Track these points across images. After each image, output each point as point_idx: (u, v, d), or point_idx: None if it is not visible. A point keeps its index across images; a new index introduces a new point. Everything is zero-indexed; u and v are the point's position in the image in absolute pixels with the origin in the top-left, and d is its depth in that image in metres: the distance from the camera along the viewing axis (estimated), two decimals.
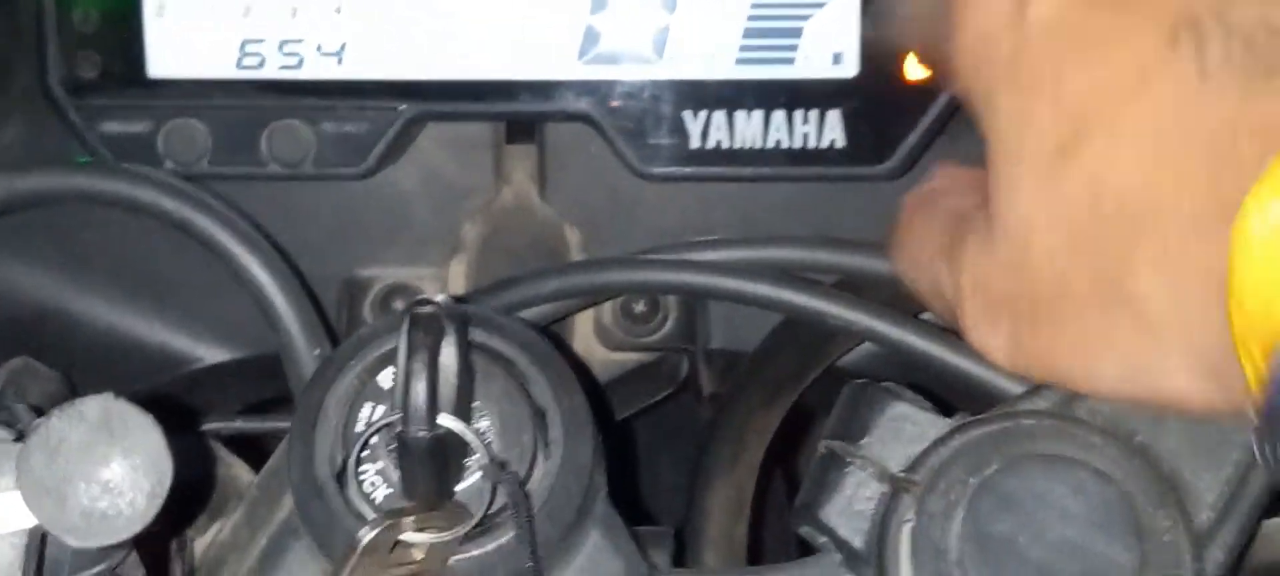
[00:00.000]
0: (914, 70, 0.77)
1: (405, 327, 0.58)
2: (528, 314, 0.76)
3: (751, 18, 0.78)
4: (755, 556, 0.78)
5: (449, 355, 0.58)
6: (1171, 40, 0.50)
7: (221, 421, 0.76)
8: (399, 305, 0.82)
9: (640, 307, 0.82)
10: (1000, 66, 0.56)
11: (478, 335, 0.63)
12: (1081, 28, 0.53)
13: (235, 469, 0.76)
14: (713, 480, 0.78)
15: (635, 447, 0.91)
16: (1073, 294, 0.55)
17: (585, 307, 0.82)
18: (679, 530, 0.76)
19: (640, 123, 0.78)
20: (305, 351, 0.73)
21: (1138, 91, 0.51)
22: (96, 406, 0.53)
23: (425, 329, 0.58)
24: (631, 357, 0.84)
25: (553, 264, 0.80)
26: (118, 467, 0.52)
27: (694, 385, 0.86)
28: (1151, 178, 0.50)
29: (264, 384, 0.82)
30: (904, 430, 0.63)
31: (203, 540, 0.74)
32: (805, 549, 0.67)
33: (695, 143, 0.79)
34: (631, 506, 0.66)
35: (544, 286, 0.76)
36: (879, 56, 0.77)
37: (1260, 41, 0.49)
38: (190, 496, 0.61)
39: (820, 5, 0.77)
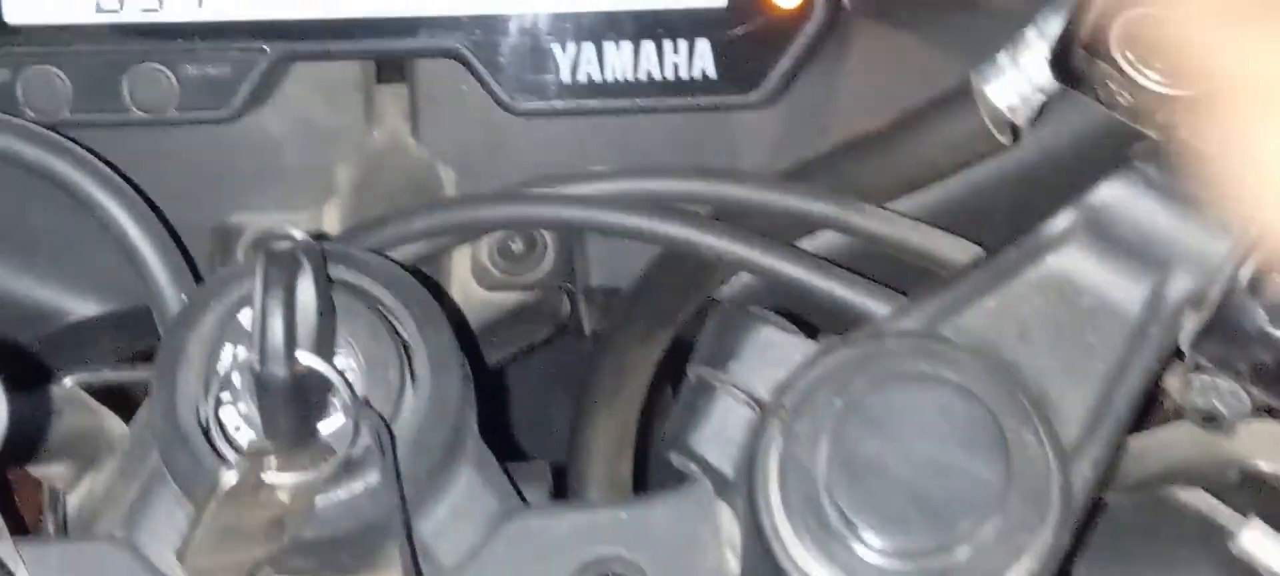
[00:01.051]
0: None
1: (260, 264, 0.57)
2: (402, 253, 0.75)
3: None
4: (642, 490, 0.78)
5: (306, 292, 0.58)
6: None
7: (89, 373, 0.75)
8: None
9: (517, 246, 0.82)
10: None
11: (341, 272, 0.62)
12: None
13: (107, 421, 0.75)
14: (594, 416, 0.77)
15: (525, 388, 0.91)
16: None
17: (460, 243, 0.81)
18: (559, 466, 0.75)
19: (509, 58, 0.78)
20: (173, 299, 0.72)
21: None
22: None
23: (280, 265, 0.57)
24: (511, 297, 0.83)
25: (425, 202, 0.79)
26: None
27: (575, 323, 0.85)
28: None
29: (138, 335, 0.80)
30: (771, 354, 0.62)
31: (77, 492, 0.73)
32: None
33: (566, 76, 0.78)
34: (512, 444, 0.66)
35: (416, 224, 0.76)
36: None
37: None
38: (23, 444, 0.60)
39: None
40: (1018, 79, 0.71)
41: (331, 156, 0.82)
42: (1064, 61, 0.67)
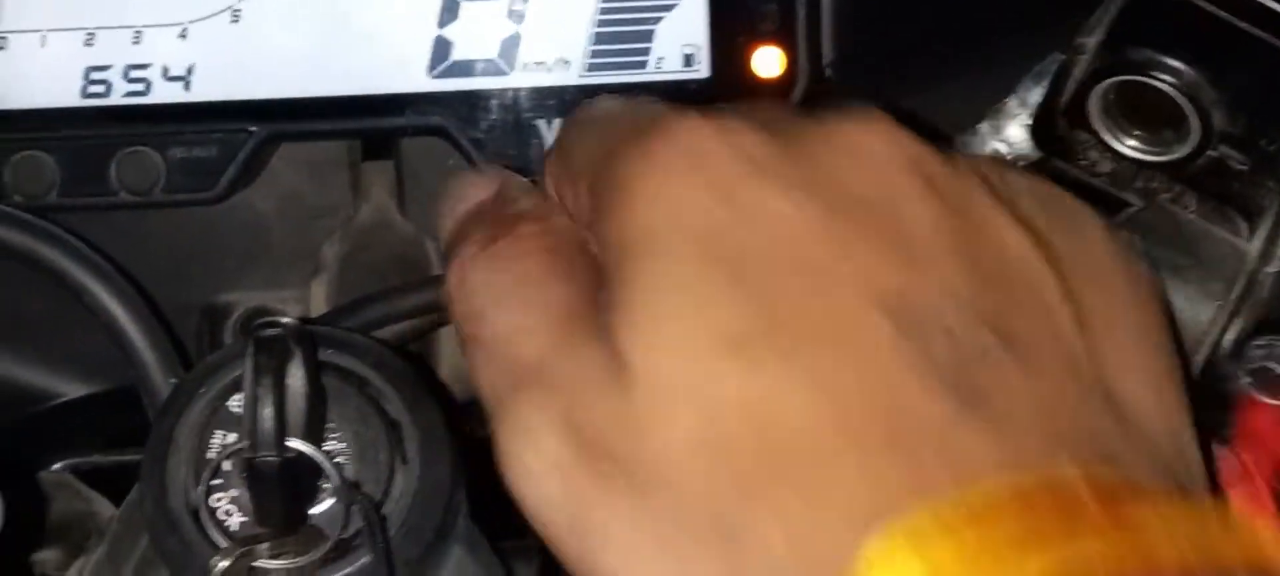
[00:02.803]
0: (765, 67, 0.77)
1: (250, 352, 0.57)
2: (391, 330, 0.75)
3: (601, 24, 0.77)
4: None
5: (296, 377, 0.58)
6: (894, 316, 0.46)
7: (78, 457, 0.75)
8: None
9: None
10: (698, 234, 0.48)
11: (329, 355, 0.62)
12: (810, 241, 0.47)
13: (95, 504, 0.75)
14: None
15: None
16: (676, 490, 0.46)
17: (449, 321, 0.81)
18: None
19: (494, 133, 0.78)
20: (161, 381, 0.72)
21: (843, 338, 0.45)
22: None
23: (270, 351, 0.57)
24: None
25: (412, 279, 0.79)
26: None
27: None
28: (822, 433, 0.44)
29: (125, 416, 0.81)
30: None
31: None
32: None
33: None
34: (500, 523, 0.66)
35: (405, 302, 0.76)
36: (730, 55, 0.77)
37: (968, 362, 0.45)
38: (37, 535, 0.60)
39: (669, 7, 0.77)
40: (999, 148, 0.71)
41: (318, 234, 0.82)
42: (1045, 130, 0.68)
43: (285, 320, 0.59)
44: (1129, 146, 0.64)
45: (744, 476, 0.45)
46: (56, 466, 0.73)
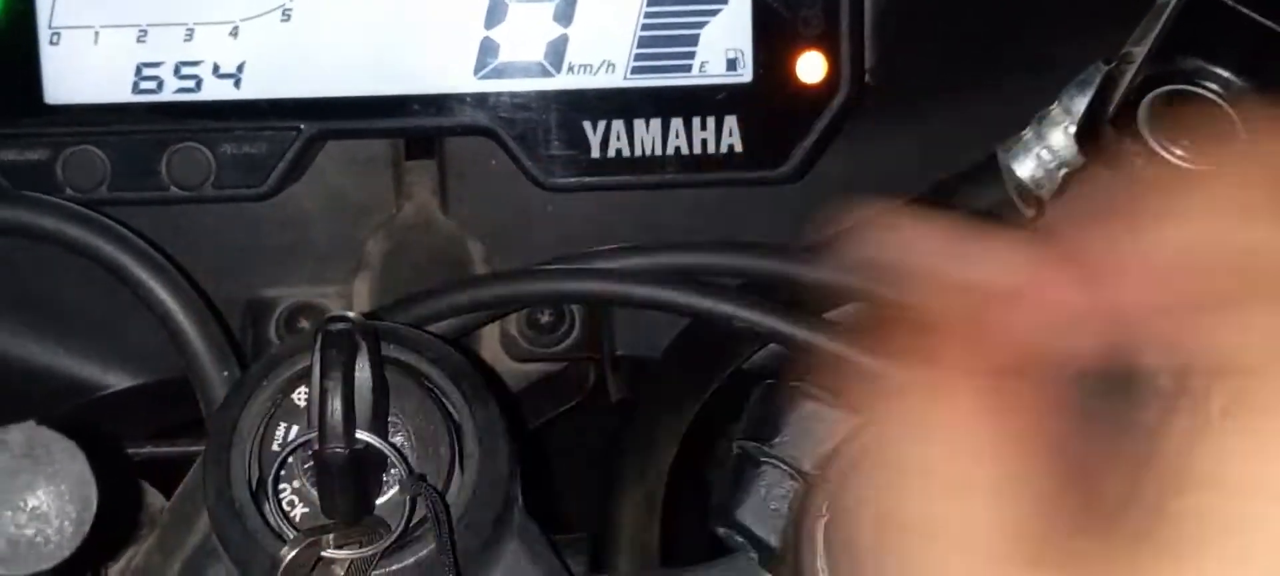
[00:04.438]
0: (808, 73, 0.78)
1: (318, 345, 0.58)
2: (434, 328, 0.76)
3: (645, 27, 0.78)
4: (669, 559, 0.79)
5: (362, 371, 0.59)
6: None
7: (133, 446, 0.76)
8: (304, 324, 0.82)
9: (546, 318, 0.83)
10: None
11: (390, 350, 0.63)
12: None
13: (146, 494, 0.76)
14: (624, 486, 0.79)
15: (549, 456, 0.92)
16: None
17: (493, 320, 0.82)
18: (593, 536, 0.76)
19: (539, 134, 0.79)
20: (214, 373, 0.73)
21: None
22: (20, 434, 0.53)
23: (338, 346, 0.58)
24: (538, 368, 0.85)
25: (459, 278, 0.80)
26: (44, 495, 0.53)
27: (602, 392, 0.86)
28: None
29: (172, 408, 0.81)
30: (814, 428, 0.64)
31: (115, 567, 0.74)
32: (719, 550, 0.68)
33: (595, 152, 0.79)
34: (546, 514, 0.67)
35: (451, 300, 0.77)
36: (773, 60, 0.78)
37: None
38: (111, 523, 0.61)
39: (714, 12, 0.78)
40: (1043, 153, 0.72)
41: (362, 231, 0.83)
42: (1090, 136, 0.69)
43: (351, 315, 0.60)
44: (1176, 155, 0.65)
45: None
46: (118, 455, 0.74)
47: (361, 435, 0.58)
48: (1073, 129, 0.71)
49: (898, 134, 0.81)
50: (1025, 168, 0.73)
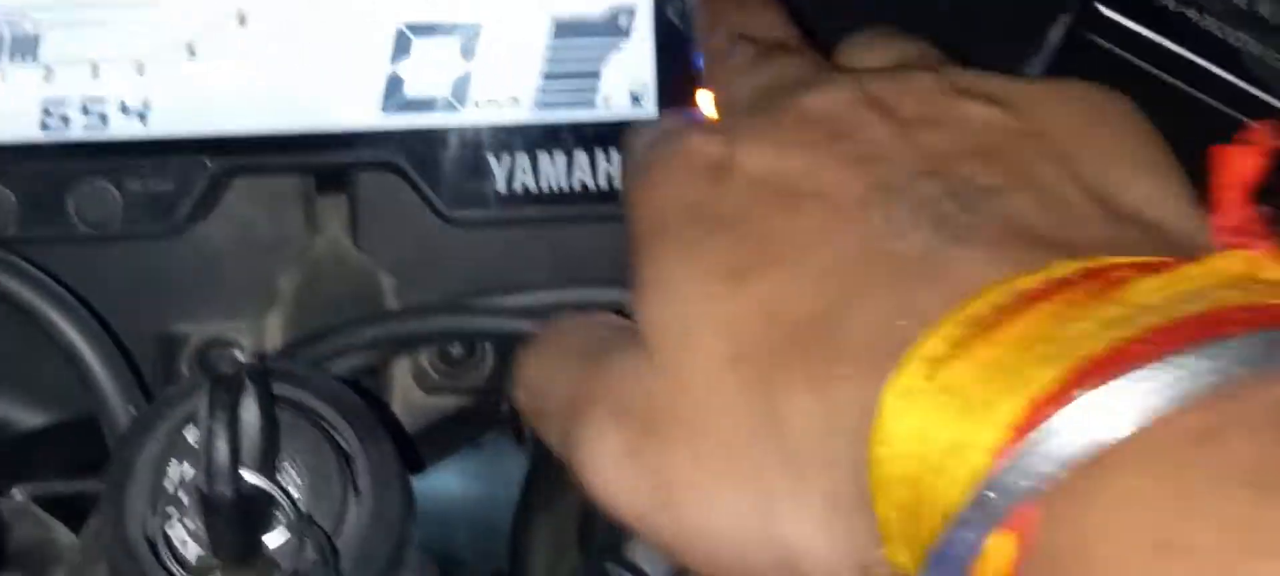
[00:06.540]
0: (710, 108, 0.79)
1: (205, 388, 0.59)
2: (346, 362, 0.77)
3: (550, 61, 0.79)
4: None
5: (251, 412, 0.59)
6: (865, 201, 0.51)
7: (39, 485, 0.76)
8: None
9: (457, 351, 0.83)
10: (685, 209, 0.55)
11: (283, 389, 0.64)
12: (780, 181, 0.53)
13: (55, 532, 0.76)
14: (533, 519, 0.79)
15: (464, 493, 0.92)
16: (719, 407, 0.51)
17: (403, 353, 0.83)
18: (500, 572, 0.77)
19: (445, 169, 0.80)
20: (121, 411, 0.73)
21: (826, 235, 0.51)
22: None
23: (226, 387, 0.59)
24: (451, 400, 0.85)
25: (366, 314, 0.81)
26: None
27: (514, 425, 0.87)
28: (828, 307, 0.49)
29: (89, 445, 0.82)
30: None
31: None
32: None
33: (501, 186, 0.80)
34: (448, 552, 0.68)
35: (359, 336, 0.77)
36: (676, 95, 0.79)
37: (947, 211, 0.50)
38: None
39: (616, 48, 0.79)
40: None
41: (273, 266, 0.83)
42: None
43: (241, 356, 0.60)
44: None
45: (772, 369, 0.50)
46: (17, 494, 0.74)
47: (247, 475, 0.59)
48: None
49: None
50: None
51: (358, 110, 0.79)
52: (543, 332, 0.63)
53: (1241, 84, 0.63)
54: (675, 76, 0.80)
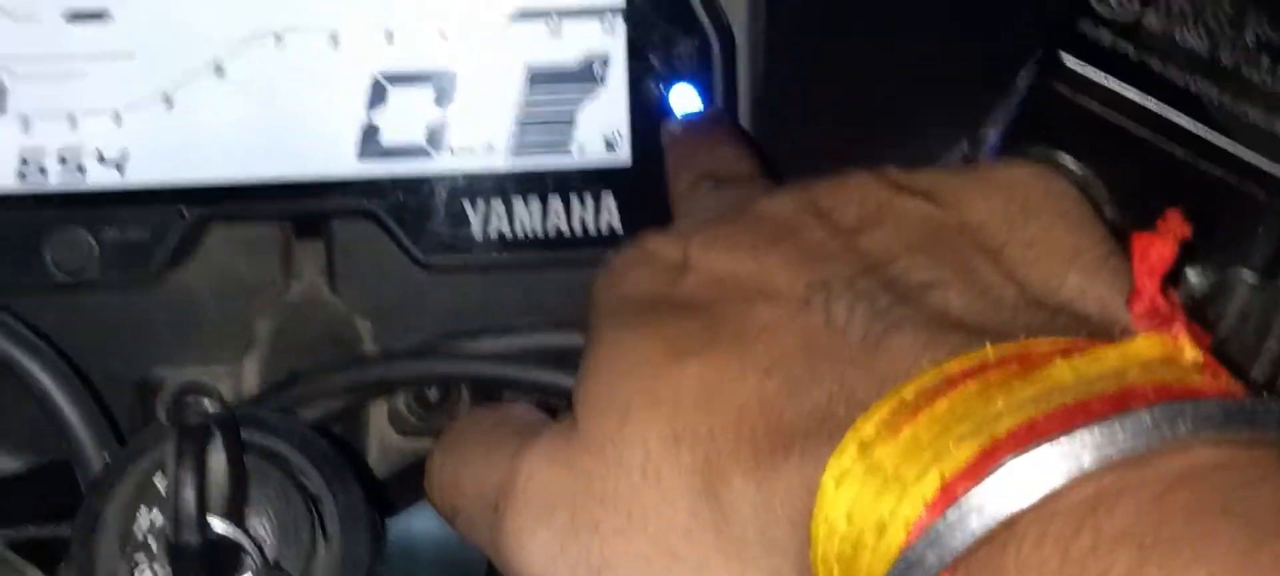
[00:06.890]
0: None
1: (173, 437, 0.59)
2: (321, 407, 0.77)
3: (524, 109, 0.80)
4: None
5: (218, 459, 0.60)
6: (807, 298, 0.52)
7: (13, 529, 0.76)
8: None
9: (434, 394, 0.84)
10: (639, 296, 0.56)
11: (252, 435, 0.64)
12: (732, 279, 0.54)
13: (28, 573, 0.76)
14: None
15: (434, 532, 0.92)
16: (657, 494, 0.51)
17: (379, 397, 0.83)
18: None
19: (421, 216, 0.80)
20: (94, 456, 0.73)
21: (770, 328, 0.52)
22: None
23: (192, 436, 0.59)
24: (427, 443, 0.85)
25: (340, 358, 0.81)
26: None
27: None
28: (770, 396, 0.50)
29: (64, 490, 0.82)
30: None
31: None
32: None
33: (476, 233, 0.80)
34: None
35: (335, 381, 0.78)
36: (651, 141, 0.80)
37: (884, 305, 0.51)
38: None
39: (591, 95, 0.80)
40: None
41: (251, 311, 0.84)
42: None
43: (208, 404, 0.61)
44: None
45: (713, 453, 0.50)
46: None
47: (214, 523, 0.59)
48: None
49: None
50: None
51: (334, 158, 0.80)
52: (453, 427, 0.63)
53: (1203, 131, 0.63)
54: (651, 123, 0.80)
